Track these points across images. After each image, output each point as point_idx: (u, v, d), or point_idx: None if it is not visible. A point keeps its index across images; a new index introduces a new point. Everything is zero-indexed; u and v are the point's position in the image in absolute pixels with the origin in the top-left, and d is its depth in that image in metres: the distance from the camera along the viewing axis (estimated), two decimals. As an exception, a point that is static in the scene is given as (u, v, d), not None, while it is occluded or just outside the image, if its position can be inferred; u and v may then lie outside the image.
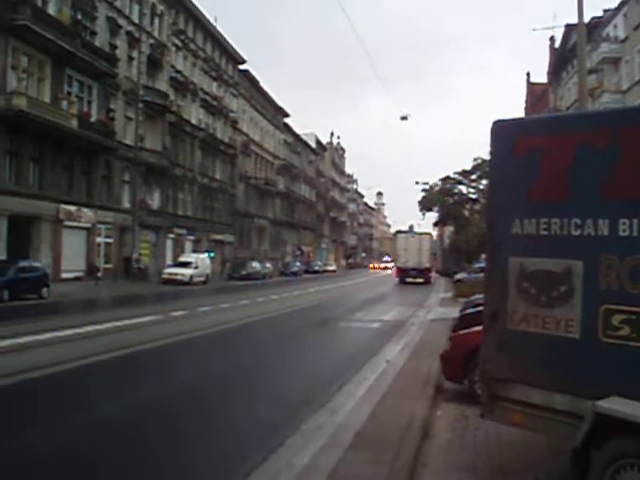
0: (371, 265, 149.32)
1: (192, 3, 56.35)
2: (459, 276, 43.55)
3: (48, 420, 8.23)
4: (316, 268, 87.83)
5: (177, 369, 12.55)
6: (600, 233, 5.34)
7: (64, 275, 36.59)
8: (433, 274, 64.64)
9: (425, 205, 70.29)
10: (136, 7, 47.19)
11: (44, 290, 28.33)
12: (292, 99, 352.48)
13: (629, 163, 5.24)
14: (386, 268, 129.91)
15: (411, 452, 6.82)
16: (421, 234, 65.25)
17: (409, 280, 57.57)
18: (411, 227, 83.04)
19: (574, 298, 5.47)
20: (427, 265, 60.37)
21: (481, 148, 48.77)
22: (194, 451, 7.11)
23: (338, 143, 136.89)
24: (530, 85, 73.92)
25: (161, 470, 6.69)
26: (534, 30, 72.98)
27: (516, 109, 77.98)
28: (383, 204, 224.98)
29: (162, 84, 50.83)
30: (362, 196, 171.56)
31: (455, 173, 64.02)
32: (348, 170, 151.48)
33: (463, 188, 65.45)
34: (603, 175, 5.38)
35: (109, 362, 12.64)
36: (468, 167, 61.74)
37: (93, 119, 40.34)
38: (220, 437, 7.88)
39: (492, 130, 6.35)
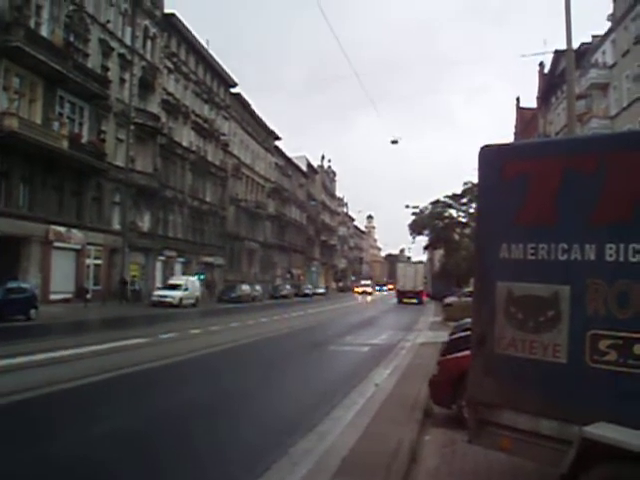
0: (356, 289, 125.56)
1: (184, 26, 56.66)
2: (449, 300, 43.50)
3: (40, 440, 8.14)
4: (306, 291, 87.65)
5: (163, 393, 12.43)
6: (587, 258, 5.35)
7: (53, 297, 36.36)
8: (425, 297, 72.07)
9: (415, 229, 70.45)
10: (128, 30, 47.45)
11: (32, 311, 28.08)
12: (283, 122, 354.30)
13: (615, 188, 5.27)
14: (365, 293, 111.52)
15: (399, 477, 6.78)
16: (416, 263, 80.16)
17: (406, 300, 67.43)
18: (407, 256, 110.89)
19: (561, 323, 5.47)
20: (421, 288, 71.29)
21: (472, 172, 49.04)
22: (179, 477, 7.05)
23: (329, 166, 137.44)
24: (520, 110, 74.47)
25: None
26: (523, 57, 73.65)
27: (509, 132, 78.35)
28: (373, 227, 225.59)
29: (154, 106, 50.97)
30: (352, 219, 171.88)
31: (445, 197, 64.26)
32: (339, 193, 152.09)
33: (453, 212, 65.64)
34: (590, 200, 5.41)
35: (97, 384, 12.52)
36: (459, 190, 61.97)
37: (84, 140, 40.35)
38: (206, 462, 7.79)
39: (480, 155, 6.39)
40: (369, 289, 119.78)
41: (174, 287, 45.78)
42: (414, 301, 67.02)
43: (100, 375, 13.46)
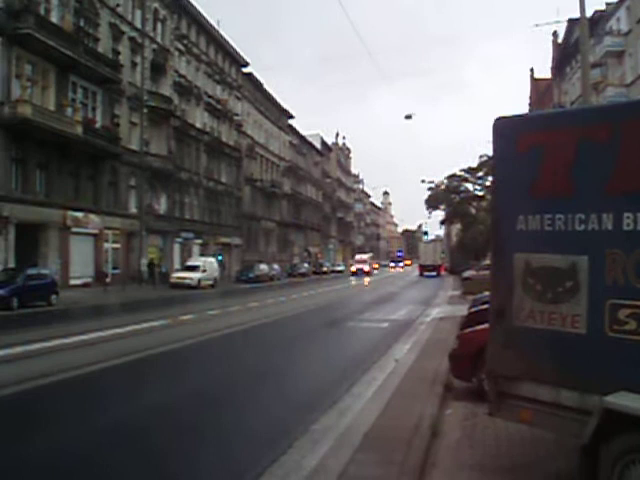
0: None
1: (194, 7, 56.43)
2: (467, 274, 43.52)
3: (60, 426, 8.25)
4: (324, 269, 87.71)
5: (189, 372, 12.54)
6: (604, 228, 5.31)
7: (72, 282, 36.69)
8: (443, 269, 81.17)
9: (432, 204, 70.45)
10: (138, 12, 47.30)
11: (53, 297, 28.40)
12: (296, 100, 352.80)
13: (631, 157, 5.21)
14: (360, 273, 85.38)
15: (420, 452, 6.81)
16: (434, 241, 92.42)
17: (426, 272, 79.61)
18: (424, 231, 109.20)
19: (580, 293, 5.45)
20: (439, 262, 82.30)
21: (487, 145, 48.84)
22: (204, 452, 7.12)
23: (343, 143, 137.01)
24: (534, 81, 73.70)
25: (172, 471, 6.68)
26: (536, 26, 72.58)
27: (524, 103, 77.58)
28: (390, 203, 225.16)
29: (166, 89, 50.92)
30: (369, 196, 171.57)
31: (461, 170, 64.06)
32: (354, 170, 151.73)
33: (469, 185, 65.50)
34: (606, 169, 5.35)
35: (119, 367, 12.65)
36: (475, 164, 61.69)
37: (98, 125, 40.43)
38: (229, 439, 7.88)
39: (494, 127, 6.34)
40: (366, 267, 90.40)
41: (192, 269, 45.96)
42: (433, 273, 78.55)
43: (131, 355, 13.66)
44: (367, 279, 70.42)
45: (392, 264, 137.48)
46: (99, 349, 14.88)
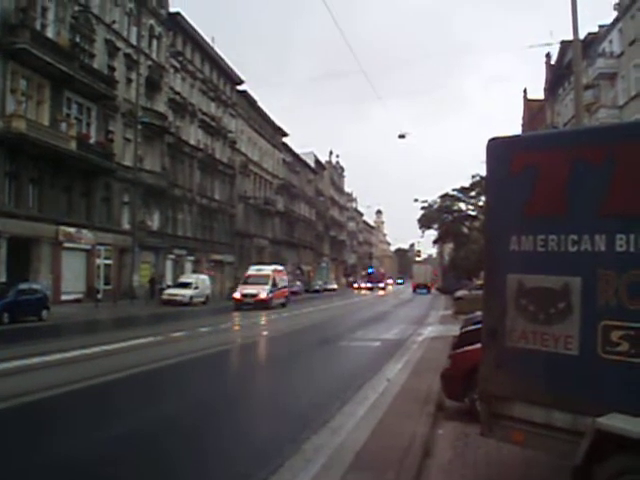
0: (356, 285, 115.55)
1: (190, 24, 56.72)
2: (459, 293, 43.50)
3: (55, 438, 8.18)
4: (316, 287, 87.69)
5: (180, 389, 12.49)
6: (597, 249, 5.32)
7: (64, 297, 36.55)
8: (432, 288, 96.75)
9: (424, 223, 70.53)
10: (134, 29, 47.55)
11: (44, 312, 28.28)
12: (291, 118, 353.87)
13: (625, 179, 5.23)
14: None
15: (412, 472, 6.78)
16: (425, 264, 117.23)
17: (418, 290, 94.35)
18: (417, 250, 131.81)
19: (572, 314, 5.45)
20: (429, 282, 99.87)
21: (480, 165, 48.99)
22: (195, 469, 7.08)
23: (337, 162, 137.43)
24: (527, 101, 74.17)
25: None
26: (530, 47, 73.35)
27: (517, 124, 78.02)
28: (383, 222, 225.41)
29: (160, 105, 51.07)
30: (361, 214, 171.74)
31: (454, 190, 64.19)
32: (347, 189, 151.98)
33: (462, 205, 65.59)
34: (599, 191, 5.37)
35: (111, 384, 12.59)
36: (467, 184, 61.87)
37: (92, 141, 40.51)
38: (220, 456, 7.83)
39: (487, 147, 6.36)
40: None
41: (184, 285, 45.84)
42: (424, 291, 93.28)
43: (121, 372, 13.56)
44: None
45: (363, 285, 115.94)
46: (85, 366, 14.78)
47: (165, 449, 8.15)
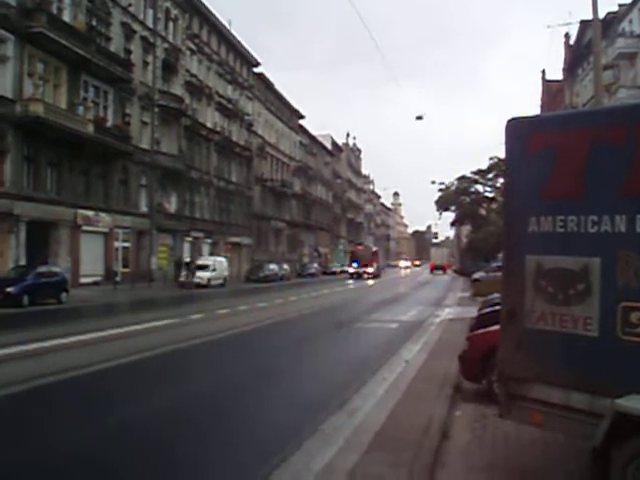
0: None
1: (206, 7, 56.58)
2: (477, 275, 43.37)
3: (67, 425, 8.27)
4: (333, 269, 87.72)
5: (198, 372, 12.55)
6: (617, 230, 5.27)
7: (83, 280, 36.86)
8: (448, 269, 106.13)
9: (442, 205, 70.28)
10: (150, 12, 47.46)
11: (63, 295, 28.55)
12: (307, 100, 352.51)
13: (646, 158, 5.17)
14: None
15: (430, 453, 6.78)
16: (442, 247, 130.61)
17: (436, 271, 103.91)
18: (434, 232, 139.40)
19: (592, 296, 5.41)
20: (446, 263, 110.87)
21: (498, 147, 48.61)
22: (213, 453, 7.12)
23: (354, 144, 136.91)
24: (545, 82, 73.39)
25: (180, 470, 6.68)
26: (549, 27, 72.39)
27: (536, 105, 77.12)
28: (400, 204, 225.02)
29: (177, 88, 51.06)
30: (379, 197, 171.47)
31: (471, 172, 63.94)
32: (364, 171, 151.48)
33: (479, 187, 65.33)
34: (619, 171, 5.31)
35: (130, 365, 12.68)
36: (485, 166, 61.61)
37: (109, 124, 40.64)
38: (238, 439, 7.87)
39: (506, 128, 6.30)
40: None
41: (202, 268, 46.06)
42: (440, 272, 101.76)
43: (137, 355, 13.62)
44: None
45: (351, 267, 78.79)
46: (111, 346, 14.92)
47: (197, 423, 8.41)
